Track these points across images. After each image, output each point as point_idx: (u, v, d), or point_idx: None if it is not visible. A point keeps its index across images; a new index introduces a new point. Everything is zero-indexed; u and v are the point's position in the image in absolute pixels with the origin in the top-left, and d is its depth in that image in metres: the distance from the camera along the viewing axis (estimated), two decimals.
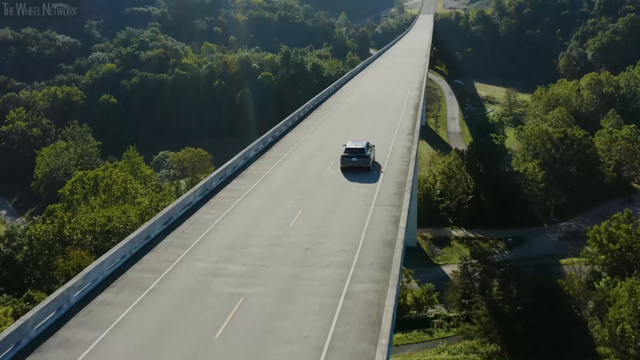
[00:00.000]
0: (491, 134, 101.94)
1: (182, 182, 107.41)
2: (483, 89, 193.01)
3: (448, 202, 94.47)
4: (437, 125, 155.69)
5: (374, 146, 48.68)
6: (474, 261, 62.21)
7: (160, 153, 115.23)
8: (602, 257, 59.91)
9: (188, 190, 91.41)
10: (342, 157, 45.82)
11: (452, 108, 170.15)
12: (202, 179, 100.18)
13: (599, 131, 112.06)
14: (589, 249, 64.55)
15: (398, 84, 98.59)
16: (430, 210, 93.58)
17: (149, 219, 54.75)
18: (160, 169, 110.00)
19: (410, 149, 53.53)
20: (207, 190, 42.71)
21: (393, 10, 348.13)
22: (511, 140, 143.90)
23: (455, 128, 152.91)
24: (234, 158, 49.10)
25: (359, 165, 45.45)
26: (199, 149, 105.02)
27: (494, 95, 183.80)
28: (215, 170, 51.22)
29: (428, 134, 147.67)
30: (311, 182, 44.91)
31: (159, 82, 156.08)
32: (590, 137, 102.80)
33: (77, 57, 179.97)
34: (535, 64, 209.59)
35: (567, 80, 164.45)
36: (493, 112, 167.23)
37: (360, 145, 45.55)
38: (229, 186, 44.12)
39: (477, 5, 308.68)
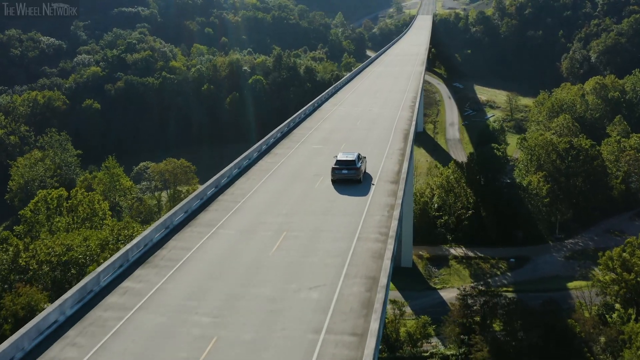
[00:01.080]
0: (492, 144, 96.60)
1: (164, 194, 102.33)
2: (483, 93, 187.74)
3: (446, 217, 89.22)
4: (435, 132, 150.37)
5: (365, 157, 46.89)
6: (474, 292, 56.64)
7: (141, 164, 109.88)
8: (616, 287, 54.53)
9: (172, 206, 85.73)
10: (333, 169, 44.21)
11: (451, 113, 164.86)
12: (182, 195, 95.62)
13: (606, 140, 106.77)
14: (599, 276, 59.10)
15: (387, 101, 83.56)
16: (427, 227, 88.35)
17: (108, 253, 49.55)
18: (141, 180, 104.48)
19: (392, 211, 37.23)
20: (91, 292, 27.65)
21: (391, 10, 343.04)
22: (513, 147, 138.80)
23: (454, 134, 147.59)
24: (148, 231, 34.05)
25: (349, 177, 43.65)
26: (182, 160, 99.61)
27: (494, 99, 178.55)
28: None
29: (426, 141, 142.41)
30: (243, 279, 29.59)
31: (144, 86, 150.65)
32: (598, 147, 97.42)
33: (62, 60, 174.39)
34: (537, 66, 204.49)
35: (571, 84, 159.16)
36: (494, 117, 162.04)
37: (351, 157, 44.09)
38: (125, 283, 29.13)
39: (477, 5, 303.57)
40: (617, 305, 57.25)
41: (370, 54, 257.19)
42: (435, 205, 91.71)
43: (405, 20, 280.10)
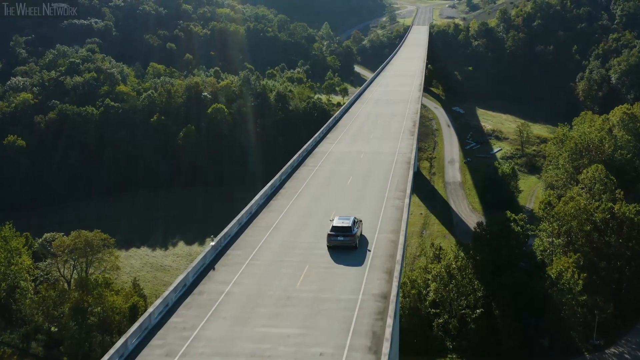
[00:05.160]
0: (508, 214, 75.70)
1: (76, 274, 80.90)
2: (488, 119, 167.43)
3: (446, 316, 68.19)
4: (431, 172, 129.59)
5: (360, 221, 46.46)
6: None
7: (45, 235, 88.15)
8: None
9: None
10: (329, 235, 44.03)
11: (450, 146, 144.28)
12: (90, 284, 74.10)
13: None
14: None
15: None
16: (419, 328, 67.52)
17: None
18: (47, 255, 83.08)
19: None
20: None
21: (384, 19, 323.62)
22: (526, 192, 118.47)
23: (454, 176, 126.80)
24: None
25: (345, 244, 43.64)
26: (96, 232, 78.31)
27: (500, 127, 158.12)
28: None
29: (420, 185, 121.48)
30: None
31: (82, 117, 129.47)
32: None
33: None
34: (548, 87, 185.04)
35: (592, 112, 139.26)
36: (501, 151, 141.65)
37: (347, 223, 44.19)
38: None
39: (477, 14, 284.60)
40: None
41: (359, 70, 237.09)
42: (431, 294, 70.71)
43: (399, 32, 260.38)
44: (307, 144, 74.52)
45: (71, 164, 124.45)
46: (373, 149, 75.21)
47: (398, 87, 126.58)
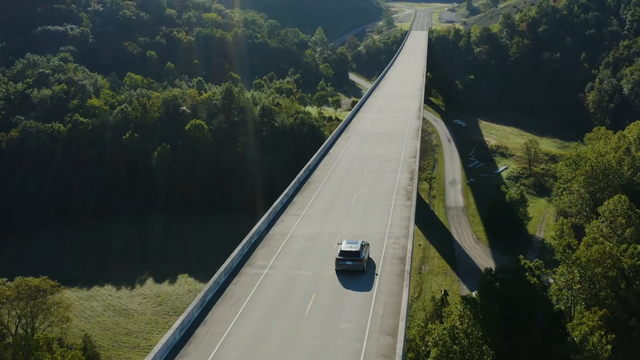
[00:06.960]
0: (522, 260, 65.97)
1: (21, 327, 70.97)
2: (492, 133, 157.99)
3: None
4: (431, 195, 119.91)
5: (368, 244, 46.11)
6: None
7: None
8: None
9: None
10: (337, 259, 44.04)
11: (451, 164, 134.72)
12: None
13: None
14: None
15: None
16: None
17: None
18: None
19: None
20: None
21: (380, 23, 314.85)
22: (536, 220, 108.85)
23: (456, 200, 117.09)
24: None
25: (354, 268, 43.73)
26: (42, 279, 68.36)
27: (505, 143, 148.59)
28: None
29: (419, 211, 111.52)
30: None
31: (48, 135, 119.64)
32: None
33: None
34: (555, 97, 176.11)
35: (604, 126, 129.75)
36: (507, 169, 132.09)
37: (355, 247, 44.25)
38: None
39: (478, 19, 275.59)
40: None
41: (354, 78, 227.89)
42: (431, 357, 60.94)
43: (397, 37, 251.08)
44: (260, 221, 51.97)
45: (33, 187, 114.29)
46: (354, 230, 51.74)
47: (393, 113, 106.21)
